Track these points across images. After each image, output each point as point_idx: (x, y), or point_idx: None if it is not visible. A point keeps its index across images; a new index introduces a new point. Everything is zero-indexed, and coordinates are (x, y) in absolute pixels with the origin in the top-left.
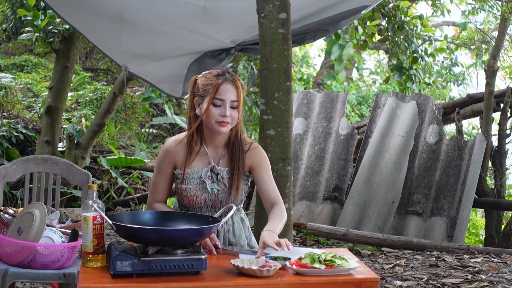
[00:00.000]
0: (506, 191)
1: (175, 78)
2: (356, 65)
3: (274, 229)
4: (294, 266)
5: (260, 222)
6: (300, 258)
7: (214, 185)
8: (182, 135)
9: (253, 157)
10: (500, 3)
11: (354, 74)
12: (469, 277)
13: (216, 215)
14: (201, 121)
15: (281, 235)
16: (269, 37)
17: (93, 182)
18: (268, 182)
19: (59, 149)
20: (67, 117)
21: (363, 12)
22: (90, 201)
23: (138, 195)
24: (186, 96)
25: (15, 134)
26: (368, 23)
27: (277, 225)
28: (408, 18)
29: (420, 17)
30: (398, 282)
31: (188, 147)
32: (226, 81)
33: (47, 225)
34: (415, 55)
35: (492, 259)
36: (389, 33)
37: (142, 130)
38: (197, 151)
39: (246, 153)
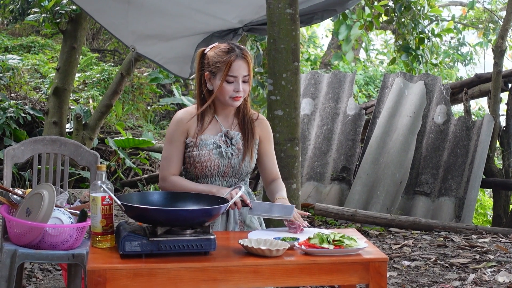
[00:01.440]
0: None
1: (183, 58)
2: (364, 45)
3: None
4: (303, 246)
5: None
6: (309, 238)
7: (228, 149)
8: (193, 107)
9: (261, 128)
10: None
11: (362, 55)
12: (477, 257)
13: (224, 195)
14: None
15: None
16: (277, 17)
17: (101, 163)
18: (272, 156)
19: (67, 130)
20: (74, 98)
21: None
22: (99, 182)
23: (146, 175)
24: (193, 76)
25: (23, 115)
26: (375, 3)
27: (285, 195)
28: None
29: None
30: (406, 262)
31: (200, 118)
32: (238, 58)
33: (56, 206)
34: (421, 35)
35: (500, 239)
36: (396, 14)
37: (150, 107)
38: (209, 121)
39: (255, 121)
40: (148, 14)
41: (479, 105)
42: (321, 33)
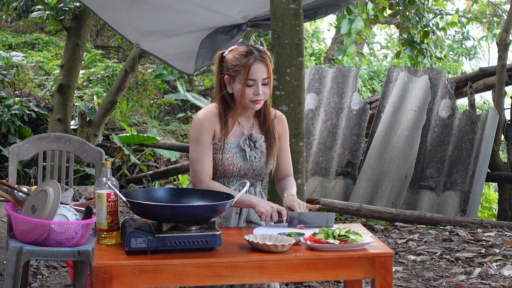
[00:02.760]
0: None
1: (187, 54)
2: (367, 39)
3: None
4: (308, 242)
5: (273, 198)
6: (314, 234)
7: (252, 153)
8: (212, 106)
9: (280, 125)
10: None
11: (365, 49)
12: (483, 251)
13: (229, 191)
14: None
15: None
16: (281, 12)
17: (106, 159)
18: (287, 152)
19: (71, 127)
20: (78, 95)
21: None
22: (104, 179)
23: (151, 172)
24: (197, 73)
25: (27, 112)
26: None
27: (295, 193)
28: None
29: None
30: (412, 257)
31: (223, 119)
32: (256, 61)
33: (61, 203)
34: (426, 29)
35: (506, 233)
36: (400, 7)
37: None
38: (232, 123)
39: (274, 120)
40: (152, 10)
41: (484, 98)
42: (323, 27)
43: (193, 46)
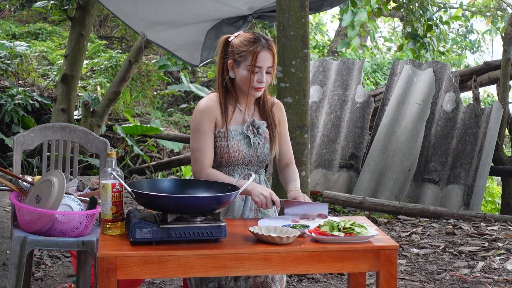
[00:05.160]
0: None
1: (193, 45)
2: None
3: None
4: (313, 234)
5: (277, 189)
6: (319, 226)
7: (256, 139)
8: (213, 95)
9: (278, 112)
10: None
11: (369, 42)
12: (486, 245)
13: (234, 182)
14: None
15: None
16: (286, 4)
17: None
18: (287, 140)
19: (75, 117)
20: (82, 85)
21: None
22: (109, 169)
23: (154, 163)
24: (202, 64)
25: (31, 102)
26: None
27: (299, 187)
28: None
29: None
30: (415, 250)
31: (224, 106)
32: (264, 49)
33: (66, 193)
34: (430, 22)
35: (509, 227)
36: (404, 0)
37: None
38: (232, 109)
39: (273, 107)
40: (158, 1)
41: (488, 92)
42: (326, 19)
43: (199, 37)
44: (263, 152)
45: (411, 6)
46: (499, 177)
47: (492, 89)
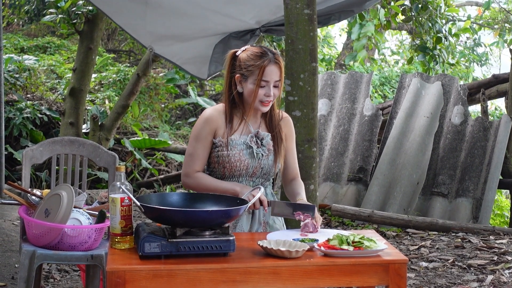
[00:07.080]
0: None
1: (201, 59)
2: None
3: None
4: (322, 248)
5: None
6: (328, 240)
7: (259, 150)
8: (220, 105)
9: (286, 127)
10: None
11: (376, 55)
12: (495, 258)
13: (243, 196)
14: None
15: None
16: (295, 18)
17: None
18: (294, 153)
19: (83, 130)
20: (90, 99)
21: None
22: (118, 183)
23: (162, 176)
24: (210, 78)
25: (39, 115)
26: (392, 3)
27: (305, 197)
28: None
29: None
30: (424, 263)
31: (229, 118)
32: (271, 63)
33: (75, 207)
34: (439, 35)
35: None
36: (413, 13)
37: (164, 105)
38: (238, 122)
39: (280, 121)
40: (165, 15)
41: (496, 105)
42: (334, 32)
43: (206, 51)
44: (267, 163)
45: (420, 19)
46: (508, 190)
47: (500, 102)
